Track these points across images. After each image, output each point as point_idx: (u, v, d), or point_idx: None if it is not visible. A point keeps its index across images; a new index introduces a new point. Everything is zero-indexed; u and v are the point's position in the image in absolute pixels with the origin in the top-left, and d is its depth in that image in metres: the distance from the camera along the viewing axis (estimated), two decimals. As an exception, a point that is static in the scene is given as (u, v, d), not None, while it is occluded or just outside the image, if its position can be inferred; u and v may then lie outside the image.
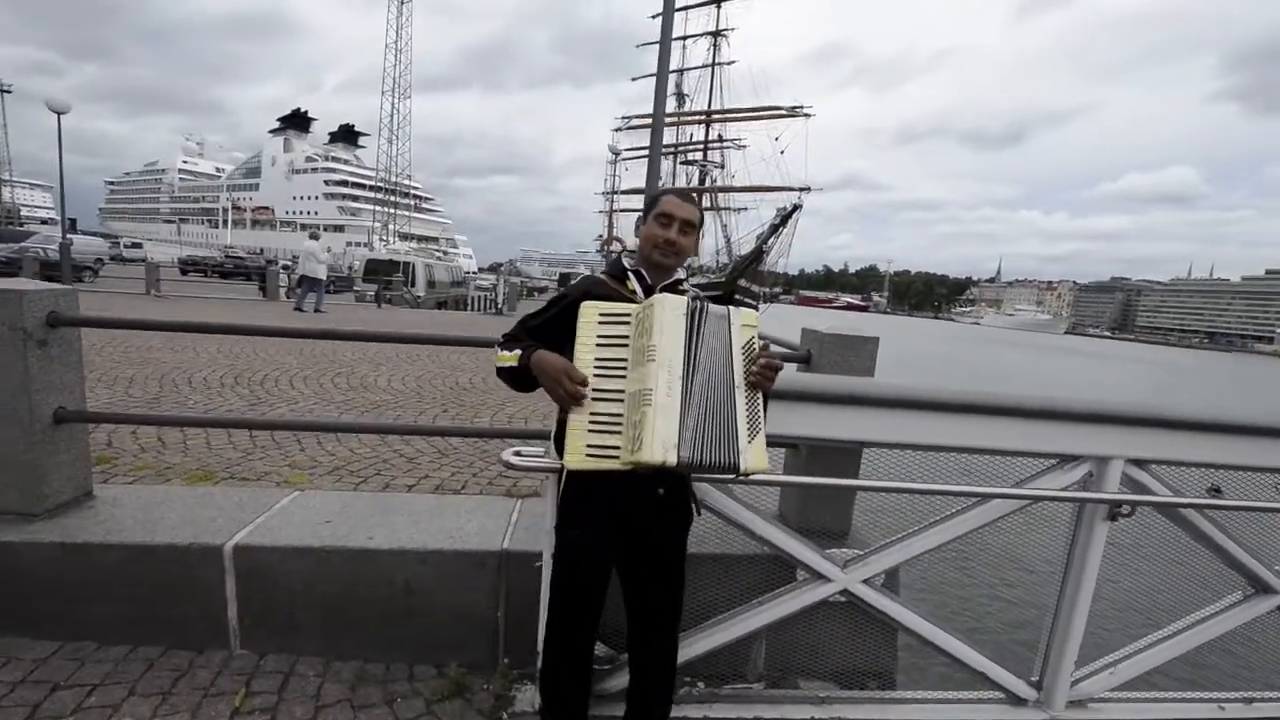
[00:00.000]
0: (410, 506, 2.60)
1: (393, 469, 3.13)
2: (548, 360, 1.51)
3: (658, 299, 1.42)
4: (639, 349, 1.43)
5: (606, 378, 1.48)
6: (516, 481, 3.06)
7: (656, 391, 1.36)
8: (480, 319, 13.38)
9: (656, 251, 1.62)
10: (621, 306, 1.53)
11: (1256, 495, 2.44)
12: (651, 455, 1.32)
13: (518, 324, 1.74)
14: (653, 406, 1.35)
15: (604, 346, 1.49)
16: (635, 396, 1.40)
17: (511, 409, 4.72)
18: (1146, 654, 2.46)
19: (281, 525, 2.34)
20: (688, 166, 35.91)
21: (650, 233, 1.63)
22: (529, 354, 1.56)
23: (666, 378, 1.37)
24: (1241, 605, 2.47)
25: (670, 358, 1.37)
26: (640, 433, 1.35)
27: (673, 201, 1.62)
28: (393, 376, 5.68)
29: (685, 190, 1.67)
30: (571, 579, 1.67)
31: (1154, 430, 2.27)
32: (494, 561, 2.27)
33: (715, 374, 1.41)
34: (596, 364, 1.48)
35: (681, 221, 1.60)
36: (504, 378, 1.68)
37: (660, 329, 1.38)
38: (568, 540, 1.67)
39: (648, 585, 1.71)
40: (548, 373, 1.50)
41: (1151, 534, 2.46)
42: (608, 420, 1.46)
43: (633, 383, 1.43)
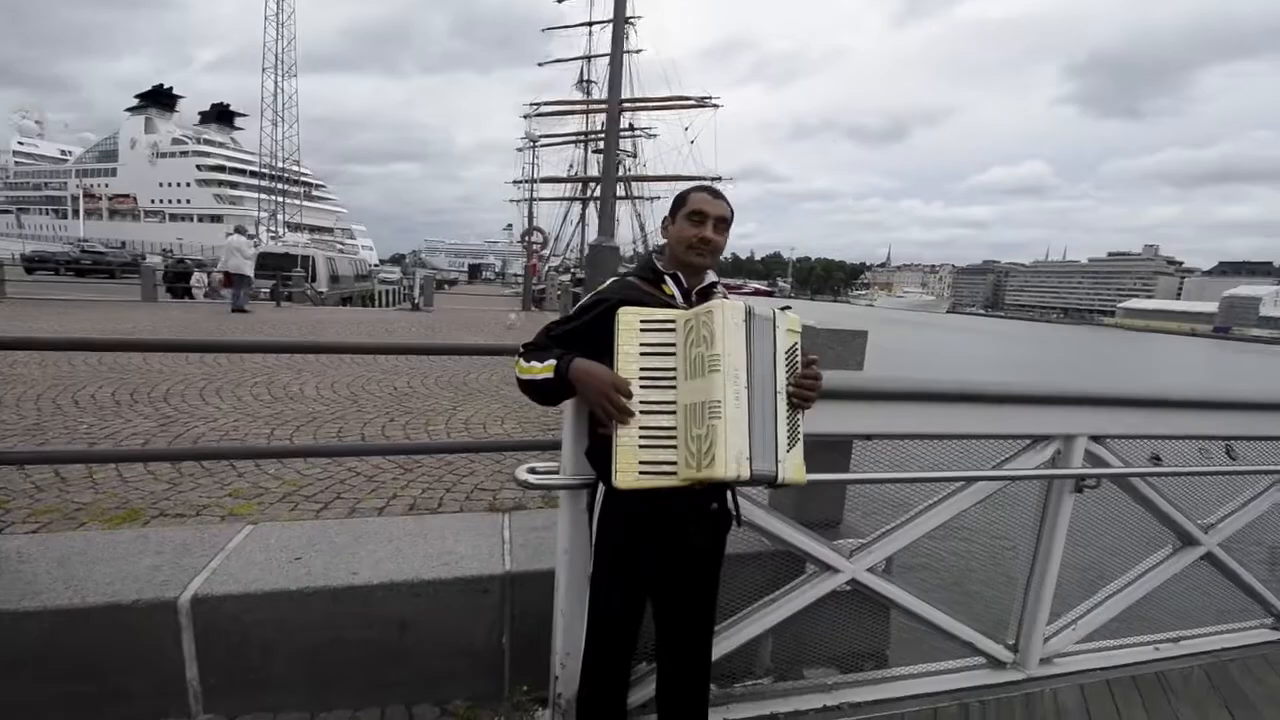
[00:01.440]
0: (388, 532, 2.37)
1: (354, 490, 2.84)
2: (592, 371, 1.40)
3: (715, 305, 1.34)
4: (696, 358, 1.35)
5: (655, 388, 1.39)
6: (495, 494, 2.88)
7: (725, 403, 1.28)
8: (397, 317, 12.59)
9: (691, 252, 1.53)
10: (664, 313, 1.44)
11: (1187, 461, 2.74)
12: (726, 471, 1.26)
13: (541, 332, 1.61)
14: (723, 419, 1.27)
15: (649, 355, 1.41)
16: (698, 409, 1.32)
17: (465, 414, 4.45)
18: (1100, 609, 2.71)
19: (243, 568, 2.05)
20: (599, 155, 35.69)
21: (683, 232, 1.54)
22: (566, 363, 1.43)
23: (734, 389, 1.30)
24: (1172, 558, 2.78)
25: (735, 367, 1.31)
26: (710, 447, 1.28)
27: (704, 198, 1.54)
28: (320, 384, 5.20)
29: (714, 187, 1.60)
30: (618, 602, 1.57)
31: (1109, 409, 2.48)
32: (497, 586, 2.11)
33: (765, 379, 1.35)
34: (642, 374, 1.39)
35: (715, 219, 1.52)
36: (530, 391, 1.55)
37: (723, 337, 1.31)
38: (614, 561, 1.56)
39: (690, 599, 1.65)
40: (593, 385, 1.39)
41: (1101, 501, 2.70)
42: (660, 434, 1.38)
43: (690, 393, 1.35)
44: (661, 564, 1.57)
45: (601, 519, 1.57)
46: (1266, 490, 2.87)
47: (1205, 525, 2.79)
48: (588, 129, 35.79)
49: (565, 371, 1.43)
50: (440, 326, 10.61)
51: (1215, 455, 2.87)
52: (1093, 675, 2.58)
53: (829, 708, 2.26)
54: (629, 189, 33.37)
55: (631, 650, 1.63)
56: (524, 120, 33.81)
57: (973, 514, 2.48)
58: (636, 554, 1.54)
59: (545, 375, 1.47)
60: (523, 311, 14.79)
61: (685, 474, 1.33)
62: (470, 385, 5.51)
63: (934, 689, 2.42)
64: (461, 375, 5.90)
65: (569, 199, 35.29)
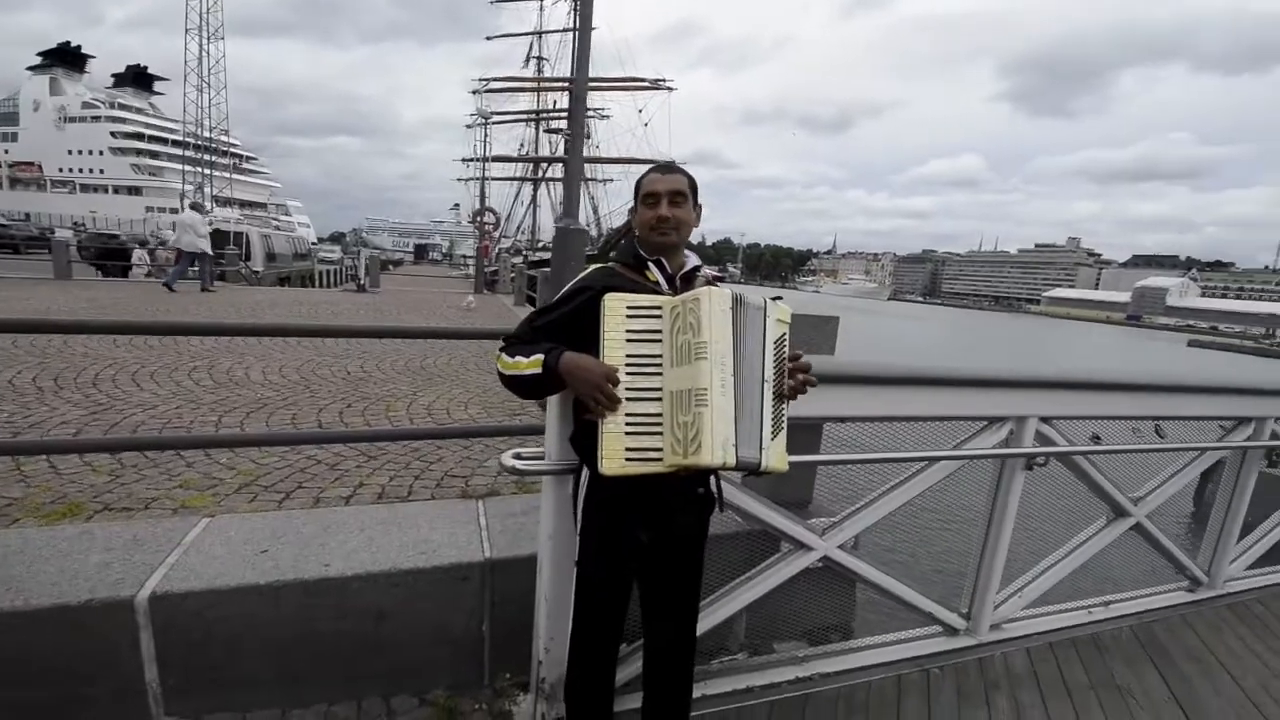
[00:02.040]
0: (358, 521, 2.29)
1: (317, 479, 2.72)
2: (583, 364, 1.38)
3: (704, 293, 1.33)
4: (683, 345, 1.34)
5: (641, 375, 1.39)
6: (467, 481, 2.82)
7: (712, 391, 1.28)
8: (341, 298, 12.05)
9: (654, 233, 1.51)
10: (650, 299, 1.43)
11: (1123, 440, 2.96)
12: (712, 457, 1.26)
13: (523, 324, 1.57)
14: (709, 407, 1.28)
15: (635, 342, 1.40)
16: (684, 396, 1.32)
17: (426, 399, 4.33)
18: (1043, 578, 2.91)
19: (204, 563, 1.94)
20: (552, 134, 34.94)
21: (642, 218, 1.53)
22: (554, 357, 1.41)
23: (721, 376, 1.30)
24: (1106, 529, 3.01)
25: (722, 354, 1.30)
26: (697, 434, 1.28)
27: (653, 178, 1.52)
28: (266, 368, 4.94)
29: (665, 163, 1.58)
30: (605, 587, 1.58)
31: (1057, 391, 2.65)
32: (477, 574, 2.08)
33: (752, 368, 1.36)
34: (629, 361, 1.39)
35: (668, 194, 1.49)
36: (515, 387, 1.50)
37: (710, 324, 1.30)
38: (600, 546, 1.56)
39: (675, 581, 1.67)
40: (586, 379, 1.37)
41: (1044, 477, 2.89)
42: (646, 421, 1.38)
43: (677, 380, 1.35)
44: (648, 547, 1.58)
45: (586, 504, 1.56)
46: (1188, 465, 3.14)
47: (1135, 499, 3.03)
48: (539, 107, 34.95)
49: (555, 365, 1.40)
50: (390, 309, 10.24)
51: (1146, 434, 3.12)
52: (1037, 639, 2.78)
53: (800, 679, 2.35)
54: (582, 170, 32.93)
55: (619, 634, 1.64)
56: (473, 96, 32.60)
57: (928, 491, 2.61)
58: (622, 538, 1.54)
59: (533, 371, 1.43)
60: (474, 295, 14.45)
61: (671, 460, 1.33)
62: (429, 370, 5.36)
63: (896, 657, 2.55)
64: (419, 359, 5.73)
65: (520, 179, 34.45)
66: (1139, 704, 2.37)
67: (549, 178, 33.39)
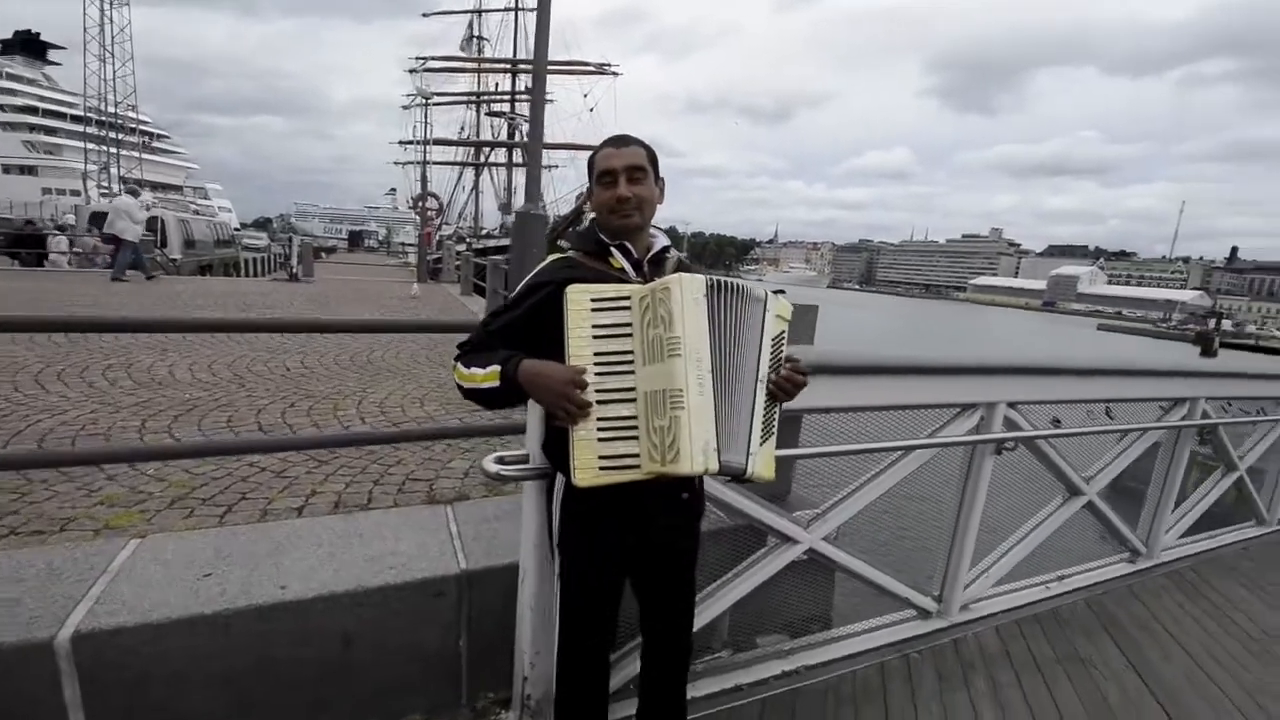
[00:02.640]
0: (315, 535, 2.09)
1: (261, 489, 2.48)
2: (544, 371, 1.24)
3: (672, 280, 1.20)
4: (653, 340, 1.21)
5: (611, 374, 1.25)
6: (432, 484, 2.64)
7: (688, 392, 1.16)
8: (274, 288, 11.26)
9: (613, 216, 1.37)
10: (615, 289, 1.28)
11: (1079, 422, 3.09)
12: (692, 465, 1.15)
13: (478, 329, 1.43)
14: (685, 410, 1.16)
15: (603, 339, 1.25)
16: (658, 397, 1.20)
17: (377, 396, 4.06)
18: (1006, 557, 3.00)
19: (137, 592, 1.71)
20: (494, 118, 33.87)
21: (599, 199, 1.39)
22: (512, 367, 1.27)
23: (696, 373, 1.18)
24: (1062, 507, 3.13)
25: (697, 349, 1.18)
26: (674, 440, 1.16)
27: (606, 153, 1.37)
28: (194, 365, 4.51)
29: (618, 136, 1.42)
30: (589, 598, 1.47)
31: (1022, 377, 2.72)
32: (453, 587, 1.93)
33: (741, 363, 1.25)
34: (597, 360, 1.25)
35: (625, 169, 1.35)
36: (476, 399, 1.36)
37: (682, 317, 1.17)
38: (581, 558, 1.45)
39: (666, 591, 1.58)
40: (549, 387, 1.23)
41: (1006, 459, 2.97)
42: (619, 425, 1.24)
43: (650, 380, 1.22)
44: (633, 556, 1.49)
45: (564, 514, 1.45)
46: (1133, 444, 3.31)
47: (1086, 478, 3.16)
48: (479, 89, 33.77)
49: (513, 376, 1.27)
50: (330, 299, 9.66)
51: (1098, 416, 3.27)
52: (1003, 617, 2.87)
53: (787, 673, 2.32)
54: (525, 156, 32.13)
55: (609, 646, 1.55)
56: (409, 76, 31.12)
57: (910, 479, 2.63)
58: (604, 548, 1.44)
59: (490, 384, 1.30)
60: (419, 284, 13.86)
61: (649, 468, 1.21)
62: (377, 364, 5.05)
63: (876, 644, 2.57)
64: (365, 353, 5.40)
65: (462, 164, 33.29)
66: (1102, 675, 2.47)
67: (492, 163, 32.45)
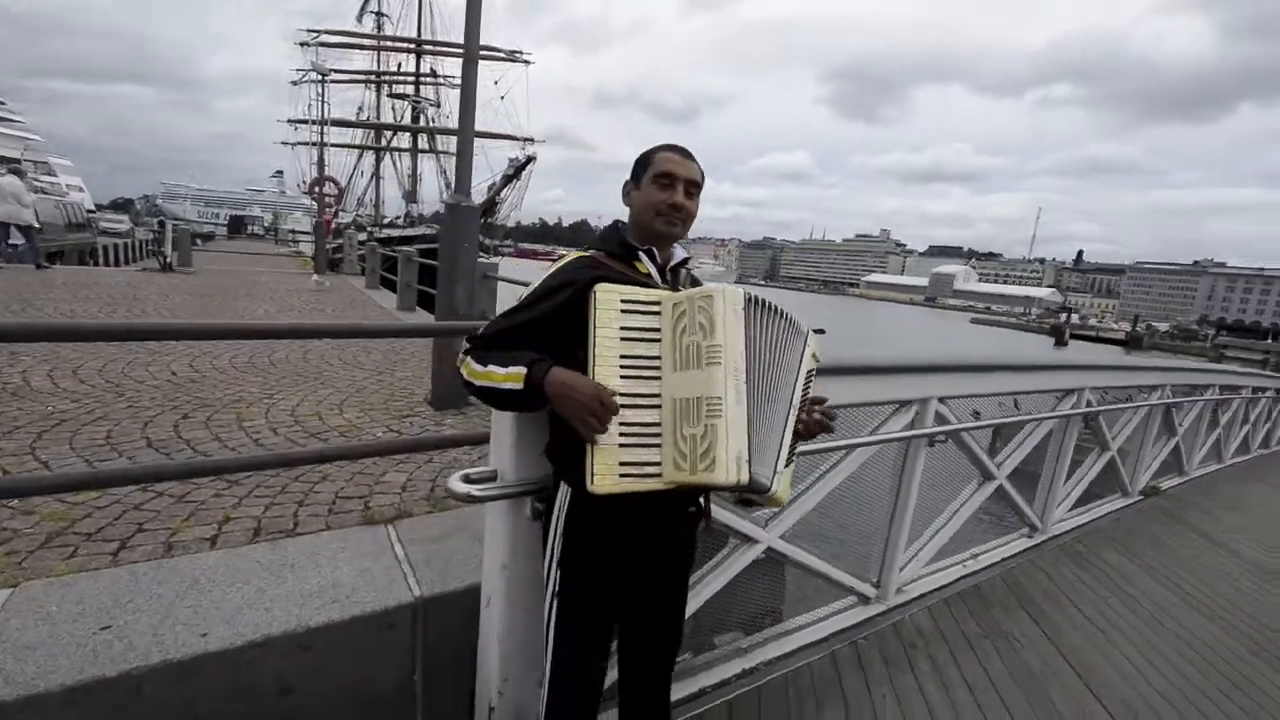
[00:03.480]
0: (237, 569, 1.83)
1: (162, 518, 2.14)
2: (577, 385, 1.18)
3: (714, 289, 1.20)
4: (689, 347, 1.20)
5: (636, 379, 1.22)
6: (366, 502, 2.40)
7: (726, 400, 1.15)
8: (144, 280, 9.90)
9: (660, 220, 1.34)
10: (647, 293, 1.27)
11: (998, 414, 3.36)
12: (727, 475, 1.13)
13: (494, 324, 1.32)
14: (724, 419, 1.14)
15: (630, 341, 1.23)
16: (691, 404, 1.18)
17: (288, 402, 3.66)
18: (933, 541, 3.22)
19: (13, 657, 1.41)
20: (396, 100, 31.90)
21: (649, 198, 1.35)
22: (541, 372, 1.20)
23: (734, 383, 1.17)
24: (977, 492, 3.40)
25: (735, 360, 1.18)
26: (709, 448, 1.14)
27: (672, 159, 1.35)
28: (55, 371, 3.85)
29: (681, 148, 1.40)
30: (596, 619, 1.39)
31: (951, 374, 2.90)
32: (406, 617, 1.77)
33: (776, 384, 1.26)
34: (623, 363, 1.21)
35: (685, 182, 1.34)
36: (482, 397, 1.28)
37: (724, 326, 1.17)
38: (588, 575, 1.36)
39: (664, 610, 1.52)
40: (579, 400, 1.16)
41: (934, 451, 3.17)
42: (642, 431, 1.22)
43: (681, 387, 1.20)
44: (639, 574, 1.42)
45: (569, 526, 1.36)
46: (1034, 431, 3.64)
47: (997, 464, 3.45)
48: (379, 68, 31.67)
49: (540, 382, 1.19)
50: (217, 294, 8.62)
51: (1008, 407, 3.57)
52: (933, 597, 3.07)
53: (747, 671, 2.34)
54: (433, 142, 30.44)
55: (605, 673, 1.46)
56: (299, 50, 28.56)
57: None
58: (613, 564, 1.36)
59: (510, 386, 1.22)
60: (319, 275, 12.81)
61: (673, 476, 1.19)
62: (281, 366, 4.57)
63: (826, 633, 2.65)
64: (264, 353, 4.87)
65: (361, 147, 31.06)
66: (1023, 645, 2.70)
67: (395, 147, 30.52)
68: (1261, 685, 2.65)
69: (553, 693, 1.42)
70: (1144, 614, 3.14)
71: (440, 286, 3.81)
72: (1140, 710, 2.34)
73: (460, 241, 3.67)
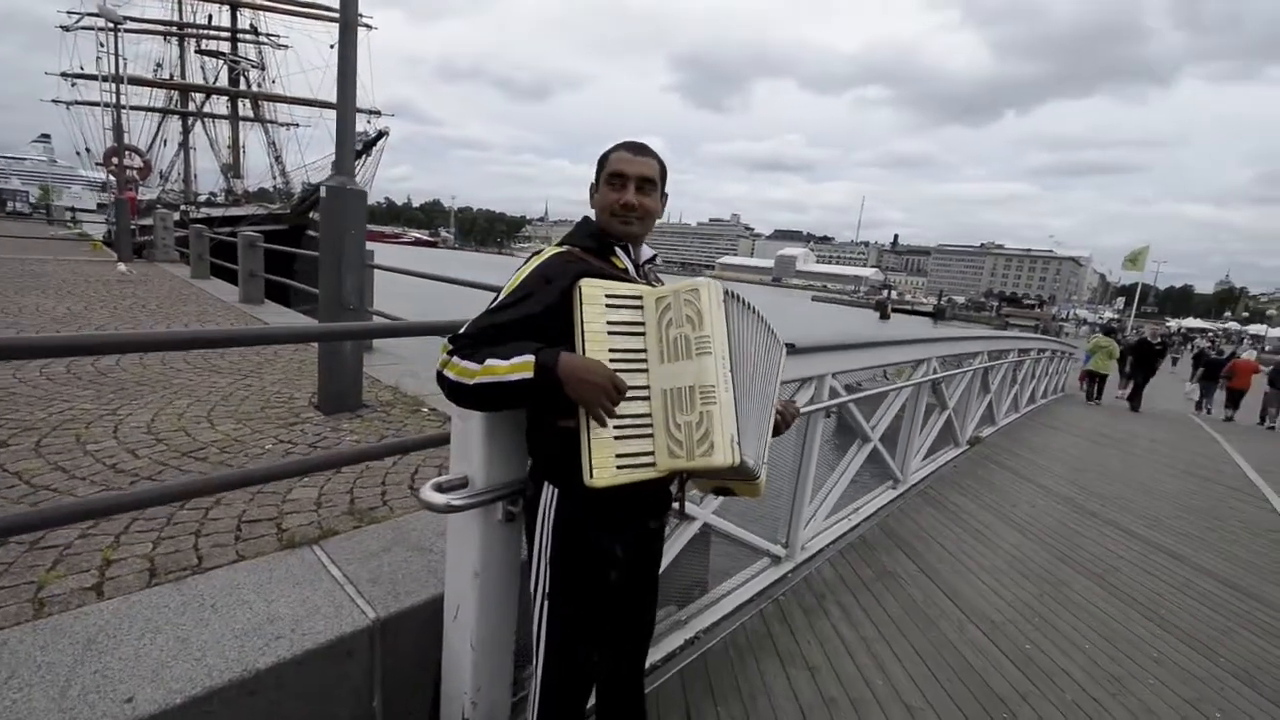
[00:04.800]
0: (141, 618, 1.58)
1: (19, 570, 1.74)
2: (591, 367, 1.19)
3: (700, 283, 1.26)
4: (677, 339, 1.26)
5: (625, 372, 1.26)
6: (279, 522, 2.16)
7: (719, 387, 1.24)
8: None
9: (615, 220, 1.38)
10: (629, 287, 1.31)
11: (873, 385, 3.81)
12: (725, 456, 1.22)
13: (479, 322, 1.28)
14: (718, 404, 1.23)
15: (617, 335, 1.27)
16: (683, 393, 1.25)
17: (141, 417, 3.06)
18: (826, 503, 3.62)
19: None
20: (207, 58, 27.40)
21: (604, 199, 1.38)
22: (551, 357, 1.18)
23: (724, 372, 1.26)
24: (857, 455, 3.87)
25: (723, 350, 1.26)
26: (706, 433, 1.22)
27: (623, 157, 1.37)
28: None
29: (636, 144, 1.41)
30: (592, 616, 1.41)
31: (839, 352, 3.26)
32: (364, 643, 1.65)
33: (755, 376, 1.36)
34: (613, 356, 1.25)
35: (637, 179, 1.36)
36: (480, 398, 1.24)
37: (710, 318, 1.25)
38: (580, 572, 1.38)
39: (642, 597, 1.57)
40: (596, 383, 1.18)
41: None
42: (635, 423, 1.27)
43: (670, 377, 1.26)
44: (629, 567, 1.46)
45: (559, 524, 1.36)
46: (896, 399, 4.20)
47: (872, 427, 3.94)
48: (182, 19, 26.96)
49: (553, 367, 1.17)
50: (-19, 288, 6.93)
51: (878, 378, 4.07)
52: (830, 550, 3.45)
53: (689, 641, 2.49)
54: (258, 109, 26.64)
55: (603, 669, 1.50)
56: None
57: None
58: (608, 558, 1.40)
59: (519, 377, 1.18)
60: (125, 263, 10.80)
61: (668, 464, 1.26)
62: (114, 374, 3.84)
63: (749, 595, 2.89)
64: (87, 359, 4.07)
65: (164, 110, 26.26)
66: (909, 580, 3.16)
67: (208, 113, 26.23)
68: (1069, 583, 3.36)
69: (545, 691, 1.43)
70: (985, 541, 3.81)
71: (323, 279, 3.45)
72: (996, 620, 2.86)
73: (346, 228, 3.35)
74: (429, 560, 1.97)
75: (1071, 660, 2.59)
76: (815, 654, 2.44)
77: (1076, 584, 3.37)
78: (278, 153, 27.97)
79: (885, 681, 2.31)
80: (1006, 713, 2.20)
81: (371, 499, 2.41)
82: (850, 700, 2.18)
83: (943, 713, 2.16)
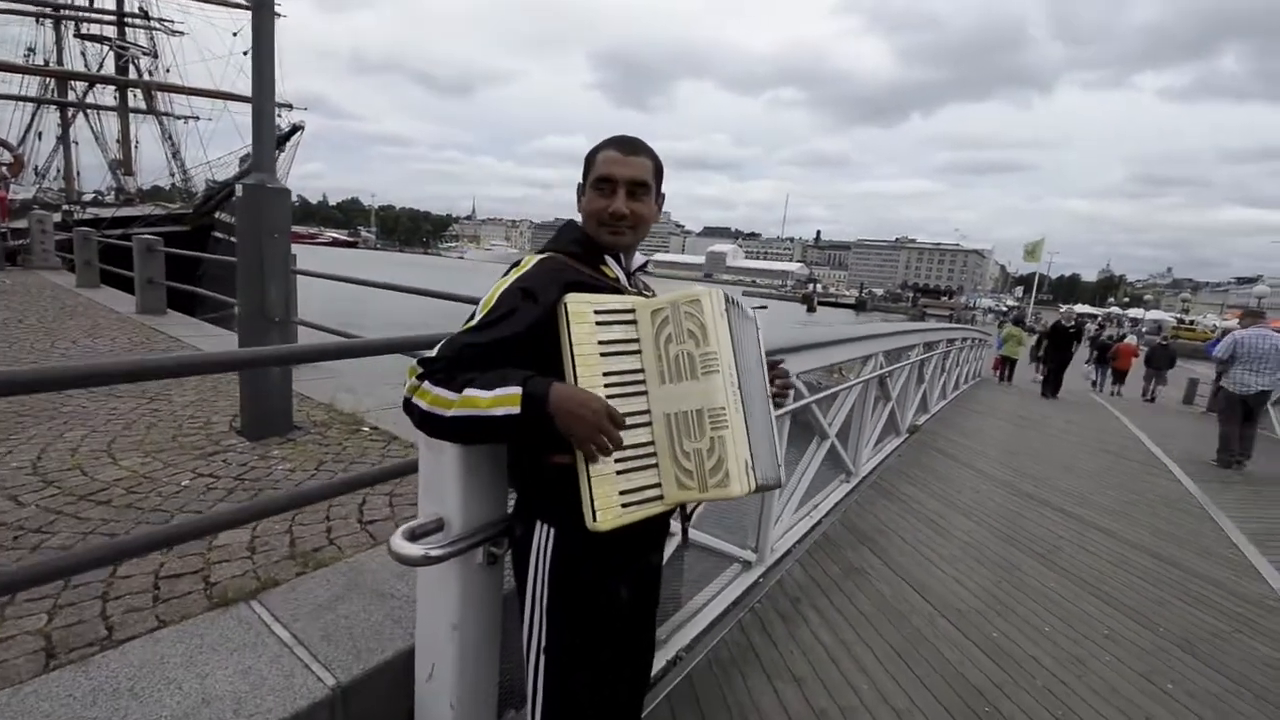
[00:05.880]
0: (48, 712, 1.29)
1: None
2: (585, 399, 1.04)
3: (701, 293, 1.14)
4: (679, 356, 1.14)
5: (622, 397, 1.13)
6: (206, 577, 1.87)
7: (729, 409, 1.13)
8: None
9: (603, 230, 1.23)
10: (619, 300, 1.18)
11: (828, 385, 3.83)
12: (741, 486, 1.11)
13: (456, 341, 1.11)
14: (729, 429, 1.12)
15: (610, 356, 1.13)
16: (690, 417, 1.13)
17: (24, 455, 2.62)
18: (791, 502, 3.61)
19: None
20: (89, 42, 24.67)
21: (590, 205, 1.23)
22: (542, 388, 1.03)
23: (732, 390, 1.15)
24: (817, 453, 3.89)
25: (730, 365, 1.15)
26: (720, 461, 1.11)
27: (612, 158, 1.21)
28: None
29: (627, 140, 1.24)
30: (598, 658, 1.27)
31: (801, 352, 3.24)
32: (324, 714, 1.43)
33: (752, 379, 1.25)
34: (607, 381, 1.12)
35: (628, 183, 1.20)
36: (464, 430, 1.06)
37: (715, 332, 1.13)
38: (581, 619, 1.24)
39: (643, 629, 1.46)
40: (590, 420, 1.03)
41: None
42: (637, 454, 1.14)
43: (674, 400, 1.14)
44: (631, 607, 1.34)
45: (556, 569, 1.22)
46: (848, 396, 4.27)
47: (829, 424, 3.97)
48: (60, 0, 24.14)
49: (544, 400, 1.02)
50: None
51: (834, 375, 4.11)
52: (798, 549, 3.45)
53: (671, 661, 2.39)
54: (151, 100, 24.25)
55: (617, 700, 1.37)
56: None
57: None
58: (612, 604, 1.26)
59: (505, 410, 1.02)
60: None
61: (678, 496, 1.14)
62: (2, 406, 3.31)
63: (725, 605, 2.82)
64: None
65: (39, 100, 23.39)
66: (876, 576, 3.18)
67: (92, 104, 23.60)
68: (1020, 566, 3.51)
69: None
70: (939, 530, 3.93)
71: (242, 289, 3.09)
72: (962, 609, 2.93)
73: (267, 231, 3.01)
74: (391, 607, 1.76)
75: (1037, 646, 2.67)
76: (799, 664, 2.40)
77: (1026, 566, 3.51)
78: (175, 148, 25.62)
79: (870, 686, 2.29)
80: (988, 705, 2.23)
81: (315, 538, 2.15)
82: (840, 709, 2.15)
83: (929, 714, 2.16)
